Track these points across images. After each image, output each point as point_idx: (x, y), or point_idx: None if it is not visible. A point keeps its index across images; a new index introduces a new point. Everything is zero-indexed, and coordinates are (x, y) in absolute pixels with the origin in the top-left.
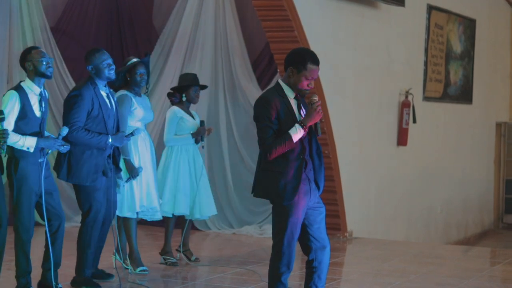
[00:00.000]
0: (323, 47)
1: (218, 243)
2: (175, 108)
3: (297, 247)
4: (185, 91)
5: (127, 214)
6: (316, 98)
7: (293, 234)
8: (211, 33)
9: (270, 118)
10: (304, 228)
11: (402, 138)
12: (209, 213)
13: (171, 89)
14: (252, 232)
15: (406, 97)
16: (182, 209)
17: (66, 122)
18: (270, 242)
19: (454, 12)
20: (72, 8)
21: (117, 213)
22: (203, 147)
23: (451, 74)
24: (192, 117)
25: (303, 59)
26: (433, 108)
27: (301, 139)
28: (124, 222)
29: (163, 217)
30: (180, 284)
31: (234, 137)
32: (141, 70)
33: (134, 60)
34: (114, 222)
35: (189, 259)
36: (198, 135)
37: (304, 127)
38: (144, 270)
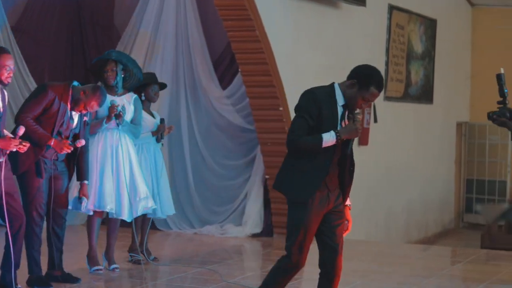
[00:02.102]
0: (284, 47)
1: (179, 243)
2: None
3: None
4: (144, 90)
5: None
6: (359, 116)
7: (305, 237)
8: (172, 32)
9: (310, 113)
10: (319, 232)
11: (363, 138)
12: (169, 212)
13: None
14: (213, 232)
15: None
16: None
17: (22, 106)
18: (231, 242)
19: (415, 12)
20: (33, 8)
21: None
22: (162, 144)
23: (412, 74)
24: (153, 116)
25: (369, 79)
26: (394, 108)
27: (334, 150)
28: (87, 219)
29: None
30: (141, 284)
31: (196, 137)
32: (108, 66)
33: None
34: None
35: (147, 258)
36: (158, 133)
37: (338, 137)
38: (98, 269)
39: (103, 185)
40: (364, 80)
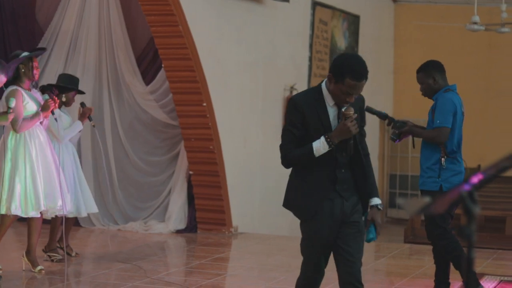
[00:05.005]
0: (207, 42)
1: (103, 240)
2: None
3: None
4: (66, 92)
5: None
6: (351, 112)
7: (317, 253)
8: (95, 28)
9: (294, 123)
10: (335, 246)
11: None
12: (91, 210)
13: (54, 86)
14: (137, 228)
15: (291, 92)
16: (68, 207)
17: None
18: (155, 238)
19: (338, 8)
20: None
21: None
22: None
23: None
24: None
25: (342, 71)
26: None
27: (335, 154)
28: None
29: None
30: (64, 281)
31: (119, 132)
32: (36, 64)
33: (27, 53)
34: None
35: (70, 255)
36: (85, 117)
37: (331, 143)
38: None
39: (14, 186)
40: (338, 72)
